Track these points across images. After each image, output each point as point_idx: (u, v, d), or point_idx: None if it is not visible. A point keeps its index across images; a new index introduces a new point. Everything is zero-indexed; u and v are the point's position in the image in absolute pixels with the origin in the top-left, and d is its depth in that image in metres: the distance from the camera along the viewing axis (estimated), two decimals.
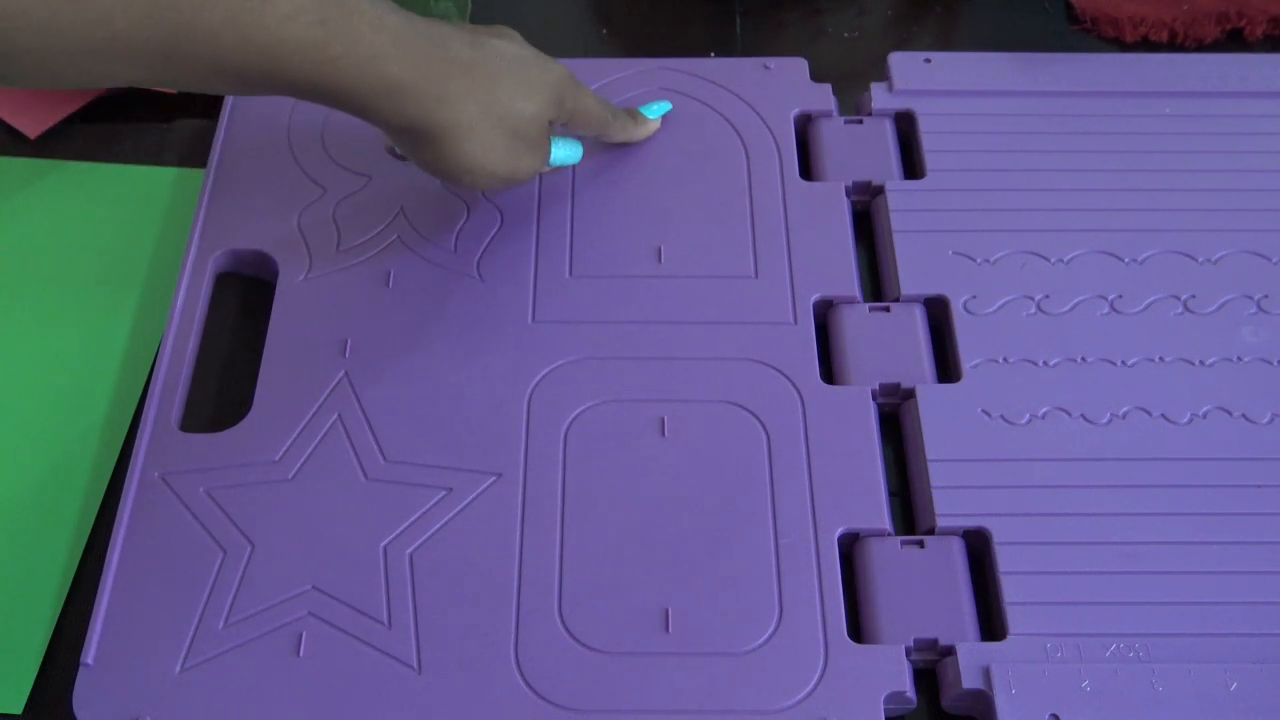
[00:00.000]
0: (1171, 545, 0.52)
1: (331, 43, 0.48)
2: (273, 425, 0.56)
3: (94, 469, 0.57)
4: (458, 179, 0.55)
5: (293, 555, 0.52)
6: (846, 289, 0.60)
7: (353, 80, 0.49)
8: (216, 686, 0.49)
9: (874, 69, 0.68)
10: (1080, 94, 0.66)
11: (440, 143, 0.53)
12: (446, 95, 0.52)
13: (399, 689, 0.49)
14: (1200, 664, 0.49)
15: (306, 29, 0.47)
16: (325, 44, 0.48)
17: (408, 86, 0.51)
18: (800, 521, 0.53)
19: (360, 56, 0.49)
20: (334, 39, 0.48)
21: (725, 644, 0.50)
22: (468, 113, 0.53)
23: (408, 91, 0.51)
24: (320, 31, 0.47)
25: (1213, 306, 0.59)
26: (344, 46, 0.48)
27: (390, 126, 0.53)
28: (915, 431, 0.56)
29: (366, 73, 0.49)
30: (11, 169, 0.66)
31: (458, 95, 0.52)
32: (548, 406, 0.56)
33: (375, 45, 0.49)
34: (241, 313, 0.61)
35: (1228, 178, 0.63)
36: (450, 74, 0.52)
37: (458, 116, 0.53)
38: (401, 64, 0.50)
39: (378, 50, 0.49)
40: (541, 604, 0.51)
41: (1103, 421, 0.56)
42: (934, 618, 0.51)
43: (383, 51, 0.49)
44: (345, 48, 0.48)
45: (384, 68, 0.50)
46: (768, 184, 0.64)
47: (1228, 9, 0.71)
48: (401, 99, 0.51)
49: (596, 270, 0.61)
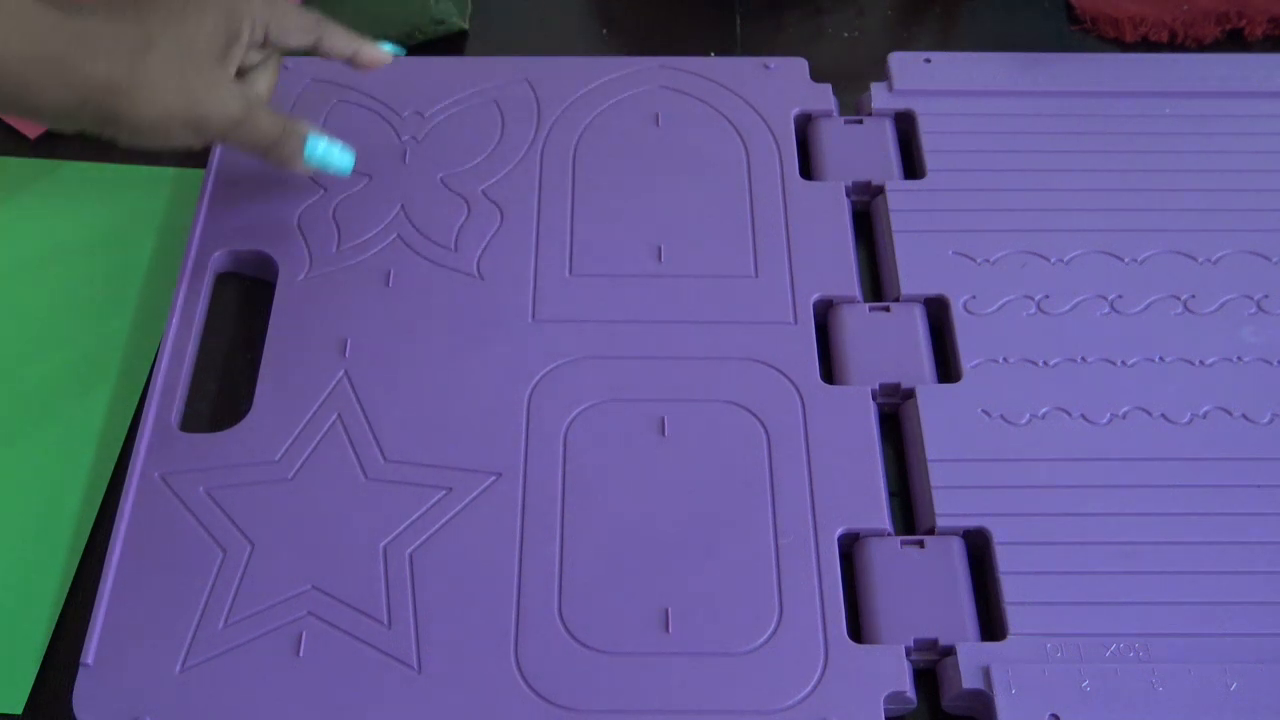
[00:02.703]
0: (1171, 545, 0.52)
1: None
2: (272, 425, 0.56)
3: (94, 469, 0.57)
4: (143, 134, 0.53)
5: (293, 555, 0.52)
6: (846, 289, 0.60)
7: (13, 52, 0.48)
8: (216, 686, 0.49)
9: (874, 69, 0.68)
10: (1080, 94, 0.66)
11: (106, 101, 0.51)
12: (98, 48, 0.51)
13: (399, 689, 0.49)
14: (1200, 664, 0.49)
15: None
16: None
17: (54, 51, 0.50)
18: (800, 521, 0.53)
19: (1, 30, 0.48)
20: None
21: (725, 644, 0.50)
22: (120, 60, 0.51)
23: (56, 57, 0.50)
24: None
25: (1213, 306, 0.59)
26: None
27: (57, 107, 0.51)
28: (915, 431, 0.56)
29: (11, 43, 0.48)
30: (11, 169, 0.66)
31: (109, 43, 0.51)
32: (548, 406, 0.56)
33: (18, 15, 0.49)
34: (241, 313, 0.61)
35: (1228, 178, 0.63)
36: (94, 27, 0.51)
37: (112, 68, 0.51)
38: (48, 28, 0.49)
39: (22, 18, 0.49)
40: (541, 604, 0.51)
41: (1103, 421, 0.56)
42: (934, 618, 0.51)
43: (26, 20, 0.49)
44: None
45: (32, 33, 0.49)
46: (768, 184, 0.64)
47: (1228, 9, 0.71)
48: (55, 66, 0.50)
49: (596, 270, 0.61)
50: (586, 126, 0.66)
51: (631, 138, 0.65)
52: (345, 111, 0.66)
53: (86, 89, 0.51)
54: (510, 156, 0.65)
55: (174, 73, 0.53)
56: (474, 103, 0.67)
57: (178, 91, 0.53)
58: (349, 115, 0.65)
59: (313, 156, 0.59)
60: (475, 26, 0.73)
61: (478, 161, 0.64)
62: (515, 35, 0.73)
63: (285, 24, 0.58)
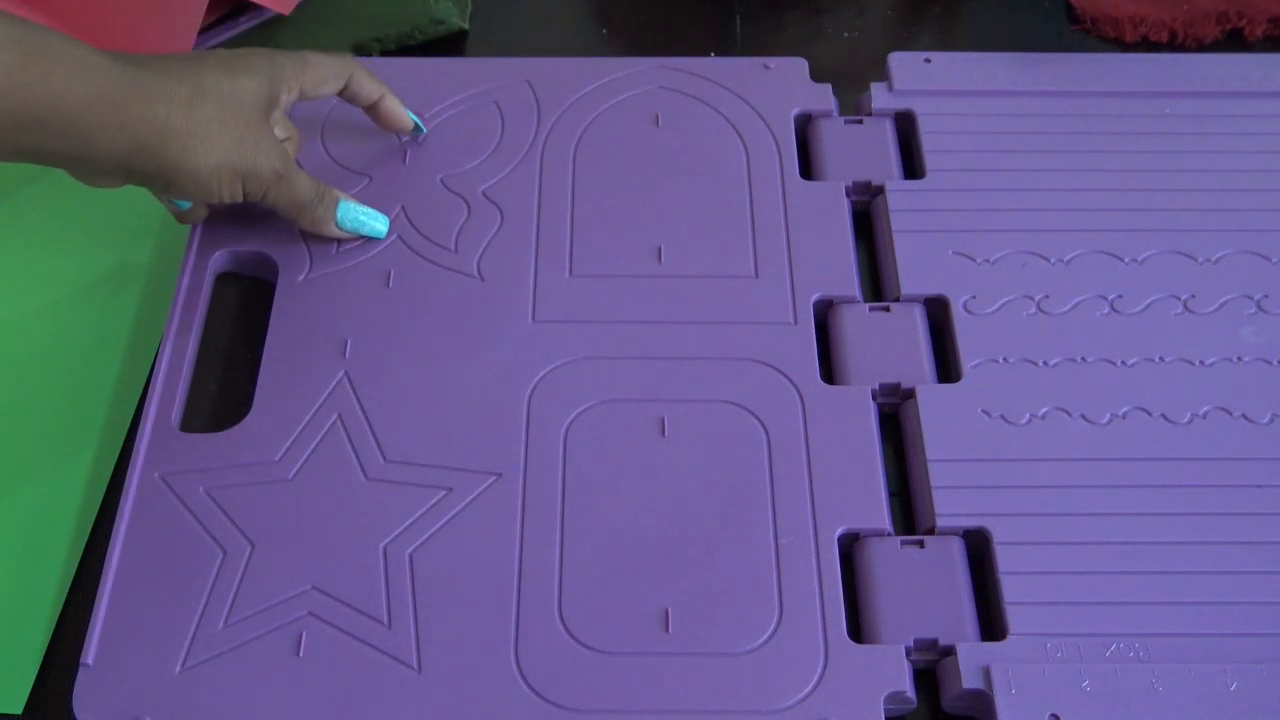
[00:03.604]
0: (1171, 545, 0.52)
1: (30, 64, 0.48)
2: (273, 425, 0.56)
3: (94, 469, 0.57)
4: (197, 183, 0.54)
5: (293, 555, 0.52)
6: (846, 289, 0.60)
7: (59, 95, 0.49)
8: (216, 686, 0.49)
9: (874, 69, 0.68)
10: (1080, 94, 0.67)
11: (162, 146, 0.53)
12: (155, 93, 0.52)
13: (399, 689, 0.49)
14: (1200, 664, 0.49)
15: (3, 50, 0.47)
16: (24, 65, 0.48)
17: (112, 95, 0.50)
18: (800, 521, 0.53)
19: (63, 74, 0.49)
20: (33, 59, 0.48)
21: (725, 644, 0.50)
22: (177, 107, 0.52)
23: (114, 101, 0.51)
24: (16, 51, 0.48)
25: (1213, 306, 0.59)
26: (43, 67, 0.48)
27: (111, 153, 0.52)
28: (915, 431, 0.56)
29: (73, 87, 0.49)
30: (11, 169, 0.66)
31: (166, 90, 0.52)
32: (548, 406, 0.56)
33: (77, 60, 0.50)
34: (241, 313, 0.61)
35: (1228, 178, 0.63)
36: (151, 75, 0.52)
37: (170, 113, 0.52)
38: (105, 74, 0.50)
39: (81, 64, 0.50)
40: (541, 604, 0.51)
41: (1103, 421, 0.56)
42: (934, 618, 0.51)
43: (86, 66, 0.50)
44: (44, 68, 0.48)
45: (91, 78, 0.50)
46: (768, 184, 0.64)
47: (1228, 9, 0.71)
48: (112, 110, 0.51)
49: (596, 270, 0.61)
50: (586, 127, 0.66)
51: (631, 138, 0.65)
52: (346, 112, 0.66)
53: (144, 134, 0.52)
54: (510, 157, 0.65)
55: (228, 122, 0.54)
56: (474, 103, 0.67)
57: (232, 141, 0.54)
58: (349, 116, 0.65)
59: (344, 221, 0.60)
60: (475, 26, 0.73)
61: (478, 162, 0.64)
62: (515, 35, 0.73)
63: (317, 76, 0.59)
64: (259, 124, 0.56)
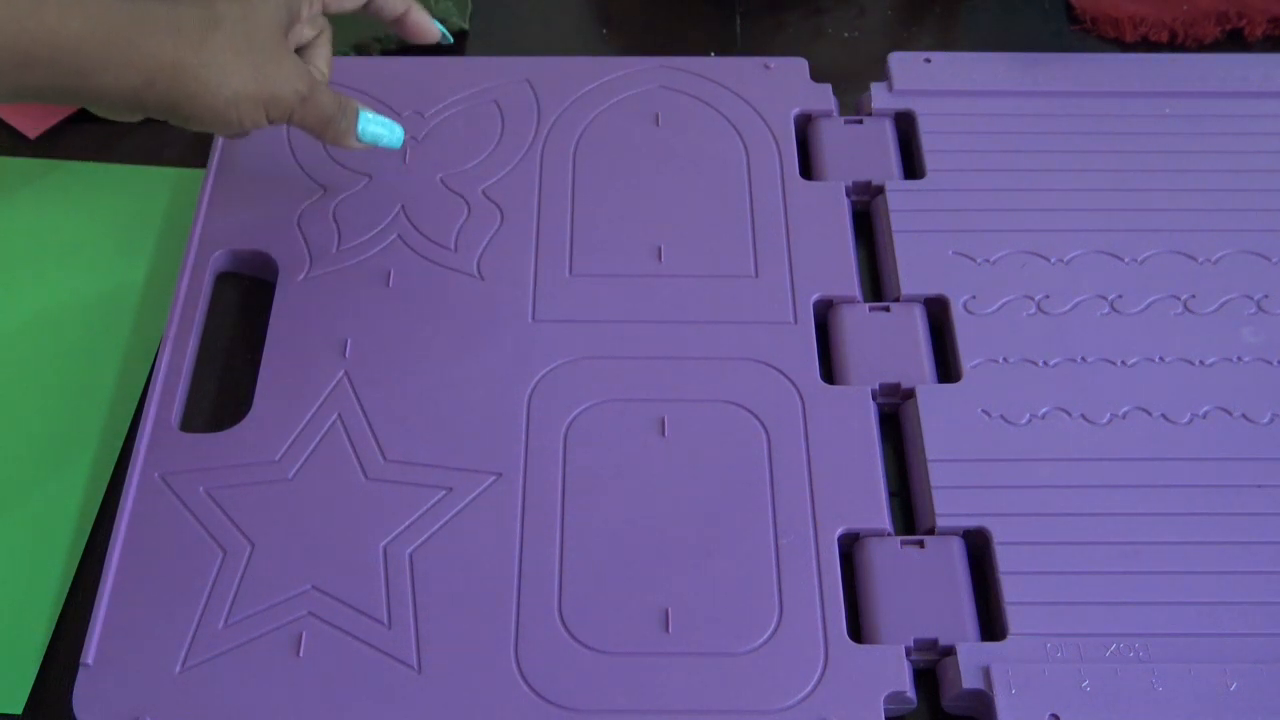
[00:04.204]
0: (1171, 545, 0.52)
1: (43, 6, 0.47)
2: (273, 425, 0.56)
3: (94, 469, 0.57)
4: (215, 115, 0.53)
5: (293, 555, 0.52)
6: (846, 289, 0.60)
7: (54, 30, 0.48)
8: (216, 686, 0.49)
9: (874, 69, 0.68)
10: (1080, 94, 0.66)
11: (174, 82, 0.51)
12: (162, 25, 0.50)
13: (399, 689, 0.49)
14: (1200, 664, 0.49)
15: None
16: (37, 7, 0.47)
17: (113, 30, 0.49)
18: (800, 521, 0.53)
19: (55, 5, 0.48)
20: None
21: (725, 644, 0.50)
22: (187, 39, 0.51)
23: (116, 37, 0.49)
24: None
25: (1213, 306, 0.59)
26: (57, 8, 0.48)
27: (119, 90, 0.51)
28: (915, 431, 0.56)
29: (68, 20, 0.48)
30: (11, 169, 0.66)
31: (174, 22, 0.51)
32: (548, 406, 0.56)
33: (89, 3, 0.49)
34: (241, 313, 0.61)
35: (1228, 178, 0.63)
36: (157, 6, 0.51)
37: (179, 46, 0.51)
38: (104, 7, 0.49)
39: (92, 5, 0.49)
40: (541, 604, 0.51)
41: (1103, 421, 0.56)
42: (934, 618, 0.51)
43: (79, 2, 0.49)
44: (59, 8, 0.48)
45: (89, 11, 0.49)
46: (768, 184, 0.64)
47: (1228, 9, 0.71)
48: (114, 45, 0.49)
49: (596, 270, 0.61)
50: (586, 126, 0.66)
51: (631, 138, 0.65)
52: None
53: (152, 69, 0.50)
54: (510, 156, 0.65)
55: (243, 50, 0.52)
56: (474, 103, 0.67)
57: (249, 69, 0.52)
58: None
59: (365, 132, 0.59)
60: (475, 26, 0.73)
61: (478, 161, 0.64)
62: (515, 35, 0.73)
63: (337, 3, 0.58)
64: (276, 46, 0.54)
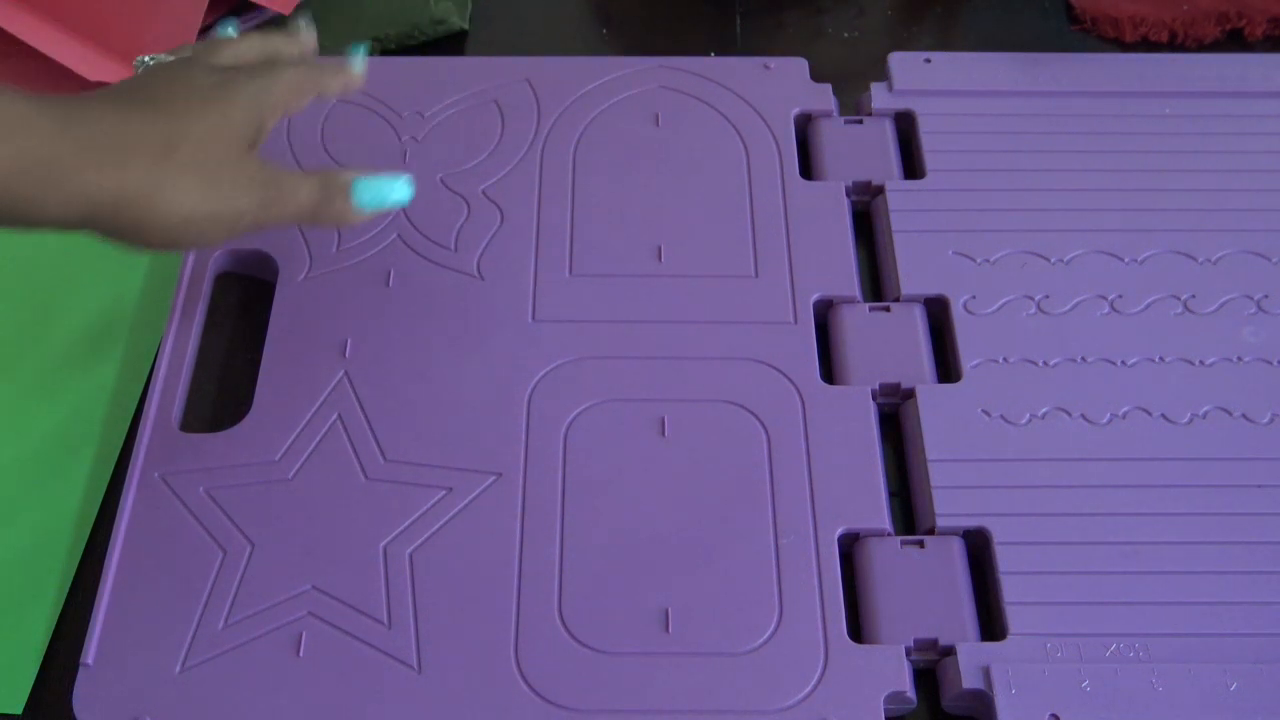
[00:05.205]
0: (1171, 545, 0.52)
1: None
2: (273, 425, 0.56)
3: (94, 469, 0.57)
4: (169, 238, 0.48)
5: (293, 555, 0.52)
6: (846, 289, 0.60)
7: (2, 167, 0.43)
8: (216, 686, 0.49)
9: (874, 69, 0.68)
10: (1080, 94, 0.66)
11: (118, 212, 0.46)
12: (110, 151, 0.46)
13: (399, 689, 0.49)
14: (1200, 664, 0.49)
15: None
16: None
17: (51, 160, 0.44)
18: (800, 521, 0.53)
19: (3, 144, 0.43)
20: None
21: (725, 644, 0.50)
22: (140, 161, 0.46)
23: (54, 167, 0.45)
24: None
25: (1213, 306, 0.59)
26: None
27: (61, 222, 0.46)
28: (915, 431, 0.56)
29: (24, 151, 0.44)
30: None
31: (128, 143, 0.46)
32: (548, 406, 0.56)
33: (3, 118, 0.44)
34: (241, 313, 0.61)
35: (1228, 178, 0.63)
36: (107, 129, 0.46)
37: (127, 172, 0.46)
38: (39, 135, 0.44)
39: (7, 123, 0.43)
40: (541, 604, 0.51)
41: (1103, 421, 0.56)
42: (934, 618, 0.51)
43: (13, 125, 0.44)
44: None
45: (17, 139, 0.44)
46: (768, 184, 0.64)
47: (1228, 9, 0.71)
48: (52, 176, 0.45)
49: (596, 270, 0.61)
50: (586, 126, 0.66)
51: (631, 138, 0.65)
52: (345, 111, 0.66)
53: (94, 201, 0.46)
54: (510, 156, 0.65)
55: (202, 167, 0.48)
56: (474, 103, 0.67)
57: (206, 187, 0.48)
58: (349, 115, 0.65)
59: (363, 202, 0.53)
60: (475, 26, 0.73)
61: (478, 161, 0.64)
62: (515, 35, 0.73)
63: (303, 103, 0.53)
64: (239, 160, 0.49)
